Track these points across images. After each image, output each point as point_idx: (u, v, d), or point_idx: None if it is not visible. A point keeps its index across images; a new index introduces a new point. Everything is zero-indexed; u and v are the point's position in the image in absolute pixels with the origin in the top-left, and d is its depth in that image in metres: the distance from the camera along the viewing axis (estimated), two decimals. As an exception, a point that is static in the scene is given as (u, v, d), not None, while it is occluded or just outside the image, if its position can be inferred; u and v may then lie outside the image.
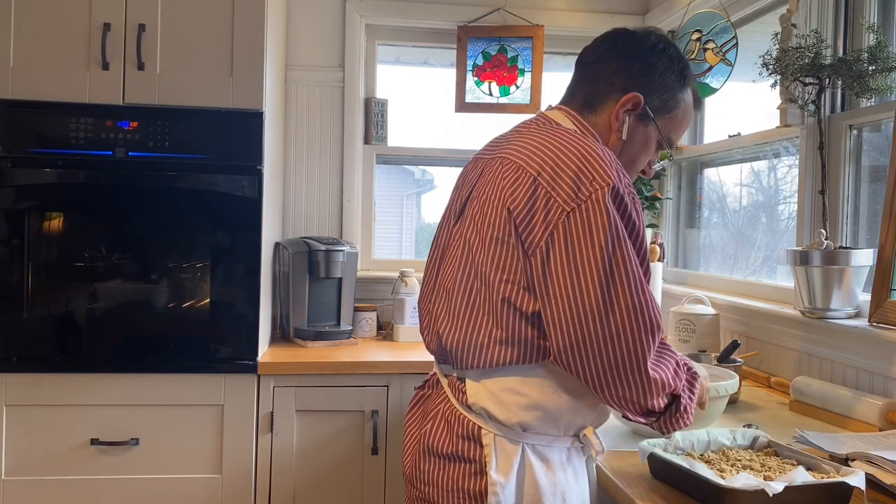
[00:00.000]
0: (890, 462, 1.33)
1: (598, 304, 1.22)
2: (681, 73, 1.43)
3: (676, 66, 1.42)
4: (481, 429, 1.31)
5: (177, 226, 2.51)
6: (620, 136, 1.39)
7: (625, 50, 1.42)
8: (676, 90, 1.42)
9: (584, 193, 1.23)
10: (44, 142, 2.44)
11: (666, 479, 1.39)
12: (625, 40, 1.44)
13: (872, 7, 2.16)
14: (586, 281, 1.22)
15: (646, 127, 1.41)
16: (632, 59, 1.41)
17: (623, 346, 1.22)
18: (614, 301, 1.22)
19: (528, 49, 3.26)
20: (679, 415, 1.32)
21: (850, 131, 2.18)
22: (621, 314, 1.22)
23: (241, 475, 2.48)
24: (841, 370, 1.98)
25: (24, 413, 2.43)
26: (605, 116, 1.40)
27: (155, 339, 2.49)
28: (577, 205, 1.23)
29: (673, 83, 1.42)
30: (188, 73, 2.47)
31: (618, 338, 1.22)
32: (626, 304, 1.22)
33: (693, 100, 1.47)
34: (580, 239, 1.22)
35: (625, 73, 1.40)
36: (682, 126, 1.46)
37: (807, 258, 2.03)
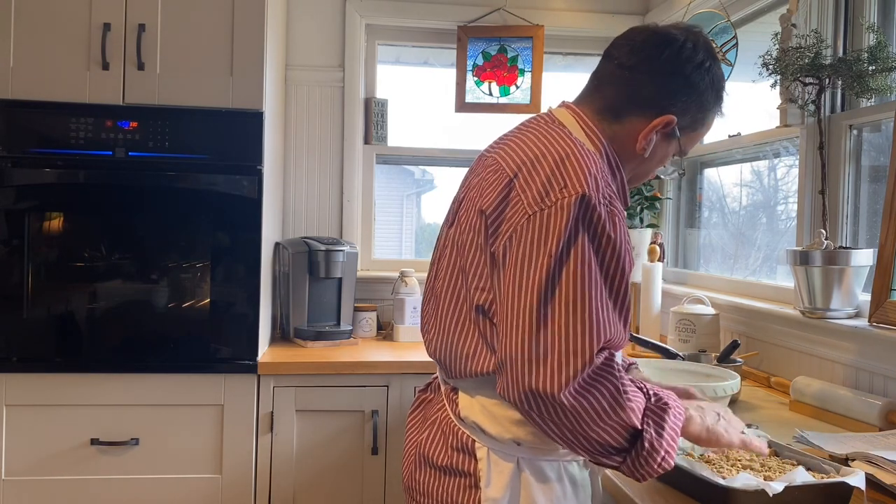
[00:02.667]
0: (890, 462, 1.33)
1: (530, 319, 1.11)
2: (718, 92, 1.33)
3: (716, 86, 1.33)
4: (475, 442, 1.28)
5: (177, 226, 2.51)
6: (644, 153, 1.31)
7: (670, 64, 1.28)
8: (710, 109, 1.34)
9: (550, 199, 1.15)
10: (44, 142, 2.44)
11: (666, 479, 1.39)
12: (671, 52, 1.29)
13: (872, 7, 2.16)
14: (525, 292, 1.12)
15: (668, 143, 1.33)
16: (675, 75, 1.29)
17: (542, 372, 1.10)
18: (548, 319, 1.11)
19: (528, 49, 3.26)
20: (645, 455, 1.13)
21: (850, 131, 2.18)
22: (550, 337, 1.10)
23: (241, 475, 2.48)
24: (841, 370, 1.98)
25: (24, 413, 2.42)
26: (631, 128, 1.30)
27: (155, 339, 2.49)
28: (539, 209, 1.15)
29: (708, 102, 1.32)
30: (188, 73, 2.47)
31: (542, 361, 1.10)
32: (559, 327, 1.10)
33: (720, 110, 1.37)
34: (532, 245, 1.13)
35: (666, 90, 1.29)
36: (700, 137, 1.40)
37: (807, 258, 2.03)
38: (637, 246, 2.96)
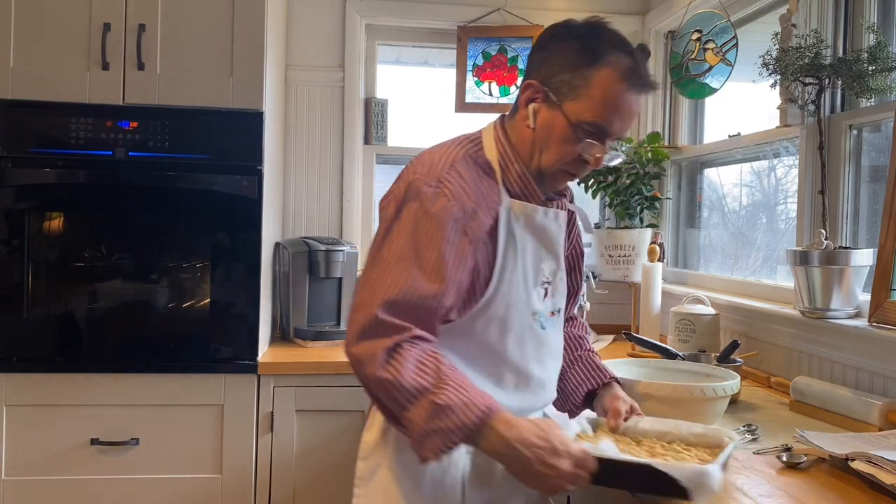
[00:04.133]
0: (890, 462, 1.33)
1: (362, 278, 1.35)
2: (590, 50, 1.36)
3: (582, 44, 1.36)
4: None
5: (177, 226, 2.51)
6: (531, 126, 1.41)
7: (540, 42, 1.44)
8: (582, 68, 1.35)
9: (395, 192, 1.39)
10: (44, 142, 2.44)
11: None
12: (545, 34, 1.44)
13: (872, 7, 2.16)
14: (366, 262, 1.37)
15: (555, 113, 1.38)
16: (539, 51, 1.43)
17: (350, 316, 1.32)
18: (366, 280, 1.32)
19: (527, 49, 3.25)
20: (405, 428, 1.26)
21: (849, 131, 2.18)
22: (362, 290, 1.32)
23: (241, 475, 2.48)
24: (841, 370, 1.98)
25: (24, 413, 2.42)
26: (520, 114, 1.43)
27: (155, 339, 2.49)
28: (388, 202, 1.39)
29: (575, 62, 1.36)
30: (188, 73, 2.47)
31: (354, 308, 1.31)
32: (361, 286, 1.33)
33: (624, 74, 1.35)
34: (378, 231, 1.38)
35: (532, 63, 1.43)
36: (605, 105, 1.36)
37: (807, 258, 2.03)
38: (637, 246, 2.96)
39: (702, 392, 1.59)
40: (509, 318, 1.41)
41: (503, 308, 1.40)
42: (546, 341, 1.49)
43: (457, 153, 1.40)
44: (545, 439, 1.22)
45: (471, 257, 1.35)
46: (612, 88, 1.35)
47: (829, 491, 1.37)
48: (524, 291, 1.43)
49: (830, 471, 1.46)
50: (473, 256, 1.35)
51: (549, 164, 1.42)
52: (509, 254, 1.41)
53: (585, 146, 1.38)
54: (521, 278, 1.43)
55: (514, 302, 1.41)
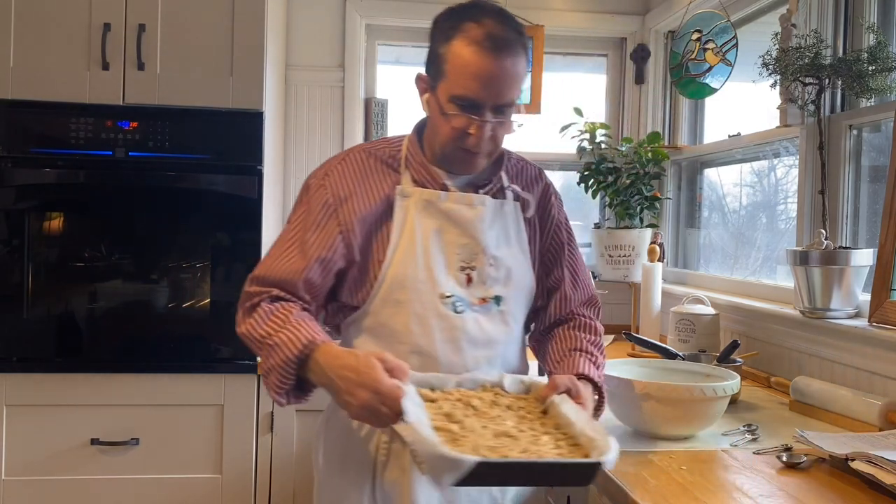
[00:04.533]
0: (890, 462, 1.33)
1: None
2: (443, 28, 1.43)
3: (439, 25, 1.44)
4: None
5: (177, 226, 2.51)
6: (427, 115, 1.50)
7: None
8: (440, 47, 1.43)
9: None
10: (44, 142, 2.44)
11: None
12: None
13: (872, 7, 2.16)
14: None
15: (433, 97, 1.46)
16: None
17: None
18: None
19: (528, 49, 3.25)
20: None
21: (849, 131, 2.18)
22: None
23: (241, 475, 2.48)
24: (841, 370, 1.98)
25: (24, 413, 2.42)
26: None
27: (155, 339, 2.49)
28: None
29: (436, 44, 1.44)
30: (188, 73, 2.47)
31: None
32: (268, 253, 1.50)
33: (474, 40, 1.38)
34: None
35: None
36: (463, 76, 1.39)
37: (807, 258, 2.03)
38: (637, 246, 2.96)
39: (702, 392, 1.59)
40: (407, 300, 1.46)
41: (398, 289, 1.46)
42: (463, 327, 1.48)
43: (356, 150, 1.56)
44: (355, 370, 1.27)
45: (340, 238, 1.47)
46: (466, 57, 1.39)
47: (829, 491, 1.37)
48: (424, 273, 1.47)
49: (830, 471, 1.46)
50: (347, 238, 1.47)
51: (441, 146, 1.48)
52: (404, 237, 1.48)
53: (452, 119, 1.43)
54: (422, 261, 1.47)
55: (410, 284, 1.46)
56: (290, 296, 1.46)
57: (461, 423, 1.26)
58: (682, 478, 1.42)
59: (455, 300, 1.48)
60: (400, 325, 1.47)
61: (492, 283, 1.52)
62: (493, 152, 1.51)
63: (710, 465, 1.50)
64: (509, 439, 1.22)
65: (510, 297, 1.54)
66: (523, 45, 1.45)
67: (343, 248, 1.47)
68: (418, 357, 1.46)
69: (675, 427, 1.64)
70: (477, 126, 1.42)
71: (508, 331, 1.54)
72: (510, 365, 1.55)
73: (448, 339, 1.47)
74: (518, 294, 1.56)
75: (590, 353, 1.55)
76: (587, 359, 1.53)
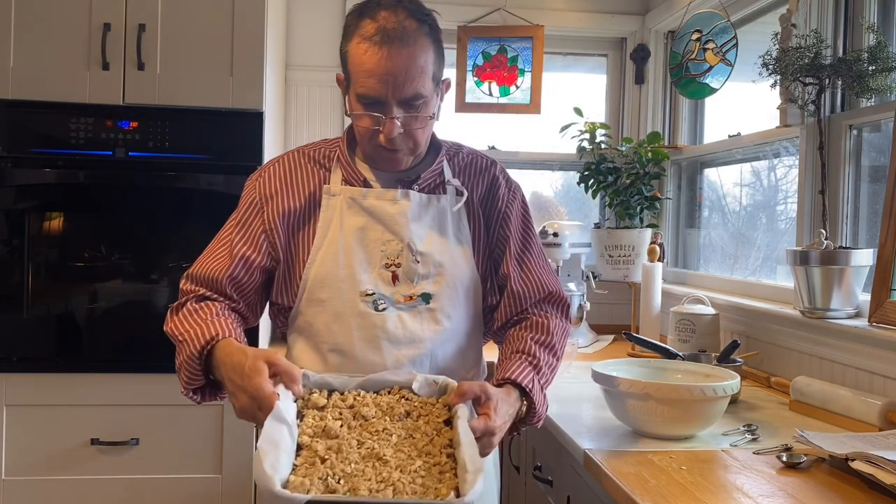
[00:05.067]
0: (890, 462, 1.33)
1: None
2: (347, 26, 1.42)
3: (345, 23, 1.44)
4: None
5: (177, 226, 2.51)
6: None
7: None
8: (344, 45, 1.43)
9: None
10: (44, 142, 2.44)
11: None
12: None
13: (872, 7, 2.16)
14: None
15: (347, 95, 1.47)
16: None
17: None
18: None
19: (528, 49, 3.26)
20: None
21: (850, 131, 2.18)
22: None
23: (241, 475, 2.48)
24: (841, 370, 1.98)
25: (24, 413, 2.43)
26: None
27: (155, 339, 2.47)
28: None
29: (342, 42, 1.44)
30: (188, 73, 2.47)
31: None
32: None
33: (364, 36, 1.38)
34: None
35: None
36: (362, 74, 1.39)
37: (807, 258, 2.03)
38: (637, 246, 2.96)
39: (702, 392, 1.59)
40: (328, 299, 1.45)
41: (319, 288, 1.46)
42: (383, 325, 1.44)
43: (293, 150, 1.57)
44: (240, 373, 1.25)
45: (264, 237, 1.48)
46: (360, 55, 1.39)
47: (829, 491, 1.37)
48: (345, 271, 1.45)
49: (830, 471, 1.46)
50: (270, 236, 1.48)
51: (361, 145, 1.50)
52: (329, 236, 1.47)
53: (360, 119, 1.42)
54: (343, 259, 1.46)
55: (331, 282, 1.45)
56: (217, 295, 1.47)
57: (337, 438, 1.20)
58: (682, 478, 1.42)
59: (377, 298, 1.45)
60: (321, 324, 1.47)
61: (419, 280, 1.47)
62: (417, 148, 1.47)
63: (710, 465, 1.50)
64: (378, 463, 1.16)
65: (442, 295, 1.48)
66: (426, 33, 1.41)
67: (267, 247, 1.49)
68: (338, 356, 1.45)
69: (675, 427, 1.64)
70: (385, 124, 1.40)
71: (440, 329, 1.48)
72: (440, 364, 1.48)
73: (367, 338, 1.45)
74: (452, 291, 1.49)
75: (530, 355, 1.46)
76: (525, 361, 1.44)
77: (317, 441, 1.19)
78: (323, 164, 1.53)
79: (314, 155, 1.55)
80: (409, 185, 1.51)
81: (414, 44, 1.38)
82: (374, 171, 1.53)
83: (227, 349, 1.32)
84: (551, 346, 1.51)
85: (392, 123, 1.40)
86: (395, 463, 1.16)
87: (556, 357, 1.52)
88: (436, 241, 1.50)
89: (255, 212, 1.51)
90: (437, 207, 1.52)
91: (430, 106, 1.45)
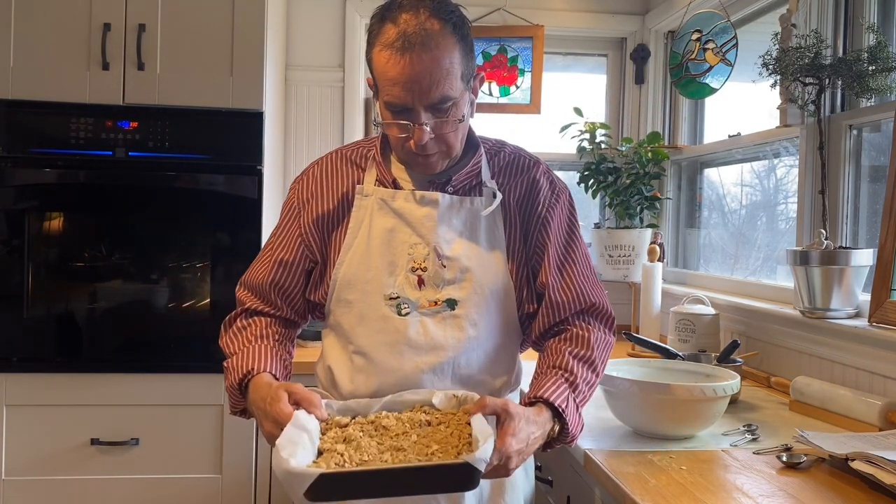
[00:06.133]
0: (890, 462, 1.33)
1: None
2: (370, 31, 1.39)
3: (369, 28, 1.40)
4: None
5: (177, 226, 2.51)
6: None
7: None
8: (369, 52, 1.39)
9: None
10: (44, 142, 2.44)
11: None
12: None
13: (872, 7, 2.16)
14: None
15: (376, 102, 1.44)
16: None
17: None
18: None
19: (528, 49, 3.26)
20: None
21: (850, 131, 2.18)
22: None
23: (241, 475, 2.48)
24: (841, 370, 1.98)
25: (24, 413, 2.43)
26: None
27: (155, 339, 2.49)
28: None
29: (367, 48, 1.40)
30: (188, 73, 2.47)
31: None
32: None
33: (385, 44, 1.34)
34: None
35: None
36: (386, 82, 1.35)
37: (807, 258, 2.03)
38: (637, 246, 2.96)
39: (702, 392, 1.59)
40: (355, 300, 1.45)
41: (347, 289, 1.46)
42: (405, 330, 1.41)
43: (332, 152, 1.57)
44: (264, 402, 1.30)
45: (300, 240, 1.50)
46: (383, 64, 1.35)
47: (829, 491, 1.37)
48: (371, 273, 1.43)
49: (830, 471, 1.46)
50: (306, 239, 1.49)
51: (394, 150, 1.49)
52: (359, 237, 1.46)
53: (389, 127, 1.40)
54: (370, 261, 1.44)
55: (358, 284, 1.44)
56: (264, 305, 1.51)
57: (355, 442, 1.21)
58: (682, 478, 1.42)
59: (401, 302, 1.42)
60: (347, 326, 1.46)
61: (444, 285, 1.42)
62: (451, 151, 1.43)
63: (710, 465, 1.50)
64: (397, 452, 1.19)
65: (468, 301, 1.43)
66: (450, 32, 1.35)
67: (304, 250, 1.50)
68: (361, 358, 1.44)
69: (675, 427, 1.64)
70: (413, 131, 1.37)
71: (464, 337, 1.42)
72: (464, 374, 1.43)
73: (388, 343, 1.41)
74: (480, 298, 1.43)
75: (567, 371, 1.40)
76: (560, 378, 1.38)
77: (337, 444, 1.22)
78: (359, 164, 1.52)
79: (351, 155, 1.54)
80: (443, 187, 1.46)
81: (436, 47, 1.33)
82: (407, 172, 1.49)
83: (257, 383, 1.36)
84: (591, 361, 1.44)
85: (421, 130, 1.36)
86: (412, 451, 1.19)
87: (595, 373, 1.44)
88: (465, 245, 1.44)
89: (293, 216, 1.53)
90: (469, 210, 1.46)
91: (459, 107, 1.39)
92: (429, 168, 1.44)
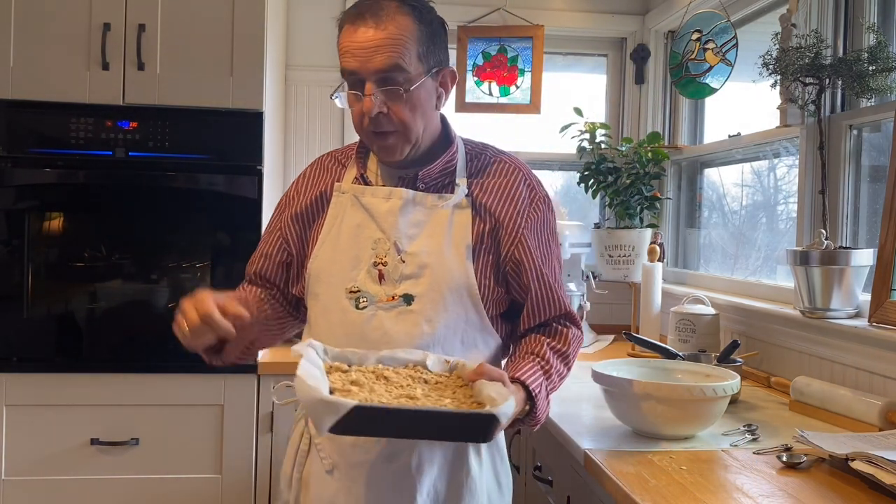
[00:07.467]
0: (890, 462, 1.33)
1: None
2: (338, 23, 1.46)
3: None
4: None
5: (177, 226, 2.51)
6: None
7: None
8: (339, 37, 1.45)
9: None
10: (44, 142, 2.44)
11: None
12: None
13: (872, 7, 2.16)
14: None
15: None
16: None
17: None
18: None
19: (528, 49, 3.26)
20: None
21: (850, 131, 2.18)
22: None
23: (241, 475, 2.48)
24: (841, 370, 1.98)
25: (24, 413, 2.43)
26: None
27: (155, 339, 2.48)
28: None
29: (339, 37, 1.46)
30: (188, 73, 2.47)
31: None
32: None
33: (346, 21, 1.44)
34: None
35: None
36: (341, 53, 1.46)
37: (807, 258, 2.03)
38: (637, 246, 2.96)
39: (702, 392, 1.59)
40: (321, 293, 1.49)
41: (315, 283, 1.50)
42: (361, 324, 1.43)
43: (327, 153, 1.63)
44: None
45: (279, 233, 1.57)
46: (340, 37, 1.44)
47: (829, 491, 1.37)
48: (336, 266, 1.47)
49: (830, 471, 1.47)
50: (284, 233, 1.57)
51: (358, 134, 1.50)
52: (331, 233, 1.50)
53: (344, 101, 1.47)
54: (336, 255, 1.48)
55: (323, 276, 1.49)
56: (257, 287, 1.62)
57: (368, 386, 1.25)
58: (682, 478, 1.42)
59: (361, 296, 1.44)
60: (313, 319, 1.52)
61: (402, 280, 1.43)
62: (407, 132, 1.43)
63: (710, 465, 1.50)
64: (409, 400, 1.22)
65: (424, 297, 1.42)
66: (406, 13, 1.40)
67: (283, 244, 1.58)
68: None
69: (675, 427, 1.64)
70: (364, 101, 1.40)
71: (418, 333, 1.42)
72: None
73: (345, 335, 1.43)
74: (437, 295, 1.43)
75: (544, 360, 1.44)
76: (537, 364, 1.42)
77: (348, 385, 1.25)
78: (343, 162, 1.58)
79: (339, 155, 1.60)
80: (413, 183, 1.48)
81: (388, 18, 1.39)
82: (380, 167, 1.53)
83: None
84: (565, 355, 1.49)
85: (370, 100, 1.39)
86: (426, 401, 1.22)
87: (567, 367, 1.50)
88: (426, 241, 1.45)
89: (279, 213, 1.61)
90: (435, 206, 1.47)
91: (415, 85, 1.41)
92: (389, 152, 1.46)
